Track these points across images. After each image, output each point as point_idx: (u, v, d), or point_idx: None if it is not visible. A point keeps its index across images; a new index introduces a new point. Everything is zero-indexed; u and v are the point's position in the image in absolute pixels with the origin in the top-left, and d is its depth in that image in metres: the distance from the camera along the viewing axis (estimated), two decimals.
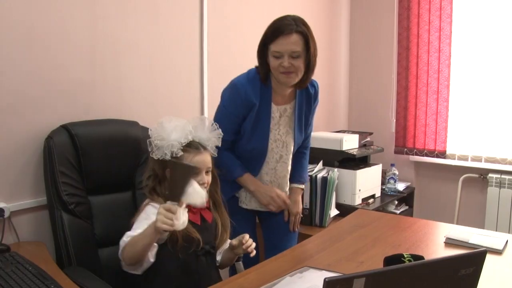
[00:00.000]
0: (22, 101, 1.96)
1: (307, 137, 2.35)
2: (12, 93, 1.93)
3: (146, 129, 2.18)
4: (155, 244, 1.65)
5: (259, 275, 1.63)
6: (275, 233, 2.33)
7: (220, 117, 2.10)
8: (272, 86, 2.10)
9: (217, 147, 1.87)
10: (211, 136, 1.85)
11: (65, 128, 1.98)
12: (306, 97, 2.19)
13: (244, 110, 2.08)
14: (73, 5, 2.10)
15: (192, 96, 2.74)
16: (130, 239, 1.63)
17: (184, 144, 1.75)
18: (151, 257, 1.66)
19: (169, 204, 1.53)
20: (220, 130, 1.86)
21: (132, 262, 1.64)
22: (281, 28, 1.96)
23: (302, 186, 2.33)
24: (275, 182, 2.24)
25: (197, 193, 1.67)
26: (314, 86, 2.21)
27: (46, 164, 1.93)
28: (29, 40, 1.96)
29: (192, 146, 1.78)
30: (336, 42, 4.03)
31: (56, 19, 2.04)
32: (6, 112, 1.92)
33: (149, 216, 1.67)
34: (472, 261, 1.02)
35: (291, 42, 1.94)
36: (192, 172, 1.58)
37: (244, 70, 2.99)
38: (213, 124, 1.87)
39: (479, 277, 1.04)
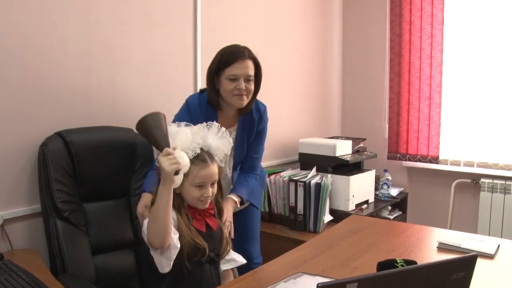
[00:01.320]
0: (17, 108, 1.96)
1: (253, 161, 2.35)
2: (7, 100, 1.93)
3: (141, 136, 2.19)
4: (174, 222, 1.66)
5: (253, 281, 1.63)
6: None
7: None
8: (221, 107, 2.19)
9: None
10: (221, 144, 1.82)
11: (60, 135, 1.99)
12: (249, 121, 2.25)
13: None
14: (67, 13, 2.10)
15: None
16: (149, 216, 1.63)
17: (191, 157, 1.71)
18: (176, 241, 1.64)
19: (164, 150, 1.57)
20: (230, 139, 1.86)
21: (159, 240, 1.60)
22: (237, 53, 2.09)
23: (236, 199, 2.19)
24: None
25: (179, 132, 1.71)
26: (259, 110, 2.28)
27: (40, 171, 1.93)
28: (23, 47, 1.97)
29: (199, 158, 1.74)
30: (328, 48, 4.06)
31: (50, 26, 2.05)
32: (1, 119, 1.92)
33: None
34: (463, 266, 1.03)
35: (247, 67, 2.09)
36: (159, 117, 1.62)
37: None
38: (222, 131, 1.84)
39: (470, 281, 1.05)
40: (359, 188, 3.32)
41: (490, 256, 1.87)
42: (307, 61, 3.76)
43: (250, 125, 2.27)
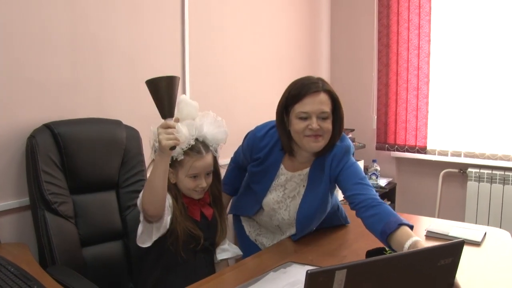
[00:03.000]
0: (3, 100, 1.94)
1: (363, 190, 1.78)
2: None
3: (129, 128, 2.20)
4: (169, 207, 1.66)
5: (244, 271, 1.64)
6: None
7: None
8: (293, 149, 1.88)
9: None
10: (216, 134, 1.79)
11: (48, 127, 1.97)
12: (323, 166, 1.87)
13: (246, 152, 2.00)
14: (54, 4, 2.08)
15: None
16: (144, 185, 1.63)
17: (186, 149, 1.71)
18: (166, 223, 1.66)
19: (166, 121, 1.53)
20: (226, 129, 1.82)
21: (153, 208, 1.59)
22: (308, 86, 1.78)
23: (413, 234, 1.57)
24: (287, 221, 1.98)
25: (188, 104, 1.69)
26: (337, 154, 1.85)
27: (28, 163, 1.91)
28: (8, 40, 1.94)
29: (194, 149, 1.73)
30: (316, 39, 4.06)
31: (36, 18, 2.03)
32: None
33: None
34: (451, 252, 1.04)
35: (321, 102, 1.76)
36: (174, 82, 1.55)
37: (226, 69, 3.02)
38: (219, 120, 1.80)
39: (457, 266, 1.06)
40: None
41: (477, 244, 1.90)
42: (295, 52, 3.76)
43: (323, 169, 1.87)
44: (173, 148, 1.53)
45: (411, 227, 1.59)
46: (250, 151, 1.97)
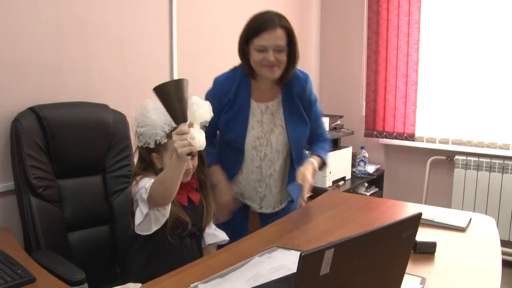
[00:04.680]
0: None
1: (318, 131, 2.25)
2: None
3: (116, 112, 2.18)
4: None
5: (229, 256, 1.64)
6: None
7: None
8: (252, 83, 2.09)
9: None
10: (201, 114, 1.75)
11: (33, 110, 1.94)
12: (295, 93, 2.11)
13: (217, 104, 2.03)
14: None
15: (162, 79, 2.70)
16: (157, 177, 1.61)
17: (168, 132, 1.69)
18: (167, 211, 1.66)
19: (180, 127, 1.48)
20: (210, 106, 1.79)
21: (162, 199, 1.61)
22: (266, 22, 1.95)
23: (312, 159, 2.14)
24: (263, 181, 2.19)
25: (201, 106, 1.67)
26: (299, 79, 2.11)
27: (13, 147, 1.89)
28: None
29: None
30: (306, 25, 4.04)
31: (20, 1, 1.99)
32: None
33: (150, 180, 1.65)
34: (411, 224, 1.14)
35: (276, 37, 1.94)
36: (183, 85, 1.49)
37: (214, 52, 3.01)
38: (199, 101, 1.78)
39: (415, 236, 1.17)
40: (336, 165, 3.35)
41: (462, 229, 1.92)
42: None
43: (299, 96, 2.12)
44: (190, 154, 1.49)
45: (324, 161, 2.19)
46: (218, 98, 2.07)
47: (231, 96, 2.07)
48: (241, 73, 2.09)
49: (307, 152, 2.26)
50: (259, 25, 1.95)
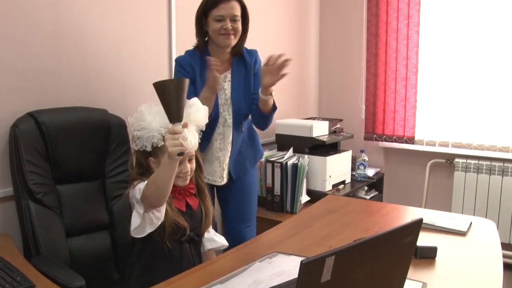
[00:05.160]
0: None
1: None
2: None
3: (115, 117, 2.18)
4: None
5: (229, 261, 1.64)
6: (231, 204, 2.42)
7: None
8: (211, 53, 2.25)
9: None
10: (196, 118, 1.77)
11: (32, 115, 1.94)
12: (243, 64, 2.33)
13: (189, 72, 2.23)
14: None
15: None
16: (150, 177, 1.60)
17: (165, 134, 1.67)
18: (162, 215, 1.66)
19: (173, 126, 1.48)
20: (207, 112, 1.81)
21: (155, 199, 1.60)
22: None
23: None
24: (224, 149, 2.33)
25: (199, 110, 1.67)
26: (251, 53, 2.36)
27: (12, 152, 1.89)
28: None
29: None
30: (305, 29, 4.04)
31: (17, 5, 1.99)
32: None
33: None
34: (412, 230, 1.13)
35: (232, 7, 2.17)
36: (184, 85, 1.49)
37: None
38: (198, 104, 1.79)
39: (416, 242, 1.17)
40: (336, 168, 3.34)
41: (462, 233, 1.91)
42: (283, 41, 3.74)
43: (245, 67, 2.34)
44: (181, 154, 1.49)
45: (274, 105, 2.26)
46: (190, 68, 2.23)
47: (197, 69, 2.23)
48: (197, 52, 2.27)
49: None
50: None
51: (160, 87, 1.48)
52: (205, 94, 2.10)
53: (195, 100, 1.76)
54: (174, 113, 1.48)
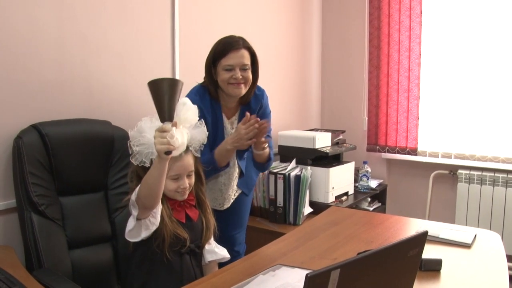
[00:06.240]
0: None
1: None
2: None
3: (118, 129, 2.18)
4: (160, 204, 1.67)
5: (232, 274, 1.63)
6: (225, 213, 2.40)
7: None
8: (220, 99, 2.23)
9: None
10: (195, 134, 1.79)
11: (35, 127, 1.94)
12: (249, 110, 2.24)
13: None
14: (40, 4, 2.06)
15: None
16: (143, 178, 1.62)
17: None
18: (156, 221, 1.67)
19: (163, 125, 1.50)
20: (205, 128, 1.83)
21: (147, 200, 1.61)
22: (231, 44, 2.14)
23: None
24: (228, 185, 2.34)
25: (189, 109, 1.68)
26: (257, 95, 2.31)
27: (15, 164, 1.89)
28: None
29: None
30: (308, 41, 4.06)
31: (22, 17, 2.00)
32: None
33: None
34: (417, 243, 1.14)
35: (242, 56, 2.13)
36: (177, 85, 1.51)
37: None
38: (189, 103, 1.81)
39: (421, 255, 1.18)
40: (339, 180, 3.33)
41: (467, 246, 1.90)
42: (286, 53, 3.76)
43: (250, 112, 2.21)
44: (168, 153, 1.51)
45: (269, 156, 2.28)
46: (200, 111, 2.10)
47: (209, 116, 2.17)
48: (207, 93, 2.21)
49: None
50: (226, 46, 2.14)
51: (154, 86, 1.51)
52: (227, 147, 2.10)
53: (185, 99, 1.78)
54: (166, 112, 1.51)
